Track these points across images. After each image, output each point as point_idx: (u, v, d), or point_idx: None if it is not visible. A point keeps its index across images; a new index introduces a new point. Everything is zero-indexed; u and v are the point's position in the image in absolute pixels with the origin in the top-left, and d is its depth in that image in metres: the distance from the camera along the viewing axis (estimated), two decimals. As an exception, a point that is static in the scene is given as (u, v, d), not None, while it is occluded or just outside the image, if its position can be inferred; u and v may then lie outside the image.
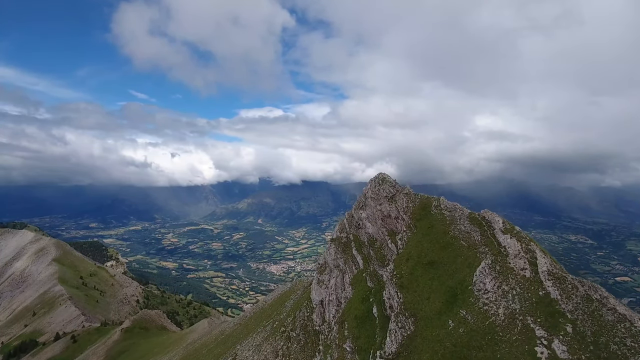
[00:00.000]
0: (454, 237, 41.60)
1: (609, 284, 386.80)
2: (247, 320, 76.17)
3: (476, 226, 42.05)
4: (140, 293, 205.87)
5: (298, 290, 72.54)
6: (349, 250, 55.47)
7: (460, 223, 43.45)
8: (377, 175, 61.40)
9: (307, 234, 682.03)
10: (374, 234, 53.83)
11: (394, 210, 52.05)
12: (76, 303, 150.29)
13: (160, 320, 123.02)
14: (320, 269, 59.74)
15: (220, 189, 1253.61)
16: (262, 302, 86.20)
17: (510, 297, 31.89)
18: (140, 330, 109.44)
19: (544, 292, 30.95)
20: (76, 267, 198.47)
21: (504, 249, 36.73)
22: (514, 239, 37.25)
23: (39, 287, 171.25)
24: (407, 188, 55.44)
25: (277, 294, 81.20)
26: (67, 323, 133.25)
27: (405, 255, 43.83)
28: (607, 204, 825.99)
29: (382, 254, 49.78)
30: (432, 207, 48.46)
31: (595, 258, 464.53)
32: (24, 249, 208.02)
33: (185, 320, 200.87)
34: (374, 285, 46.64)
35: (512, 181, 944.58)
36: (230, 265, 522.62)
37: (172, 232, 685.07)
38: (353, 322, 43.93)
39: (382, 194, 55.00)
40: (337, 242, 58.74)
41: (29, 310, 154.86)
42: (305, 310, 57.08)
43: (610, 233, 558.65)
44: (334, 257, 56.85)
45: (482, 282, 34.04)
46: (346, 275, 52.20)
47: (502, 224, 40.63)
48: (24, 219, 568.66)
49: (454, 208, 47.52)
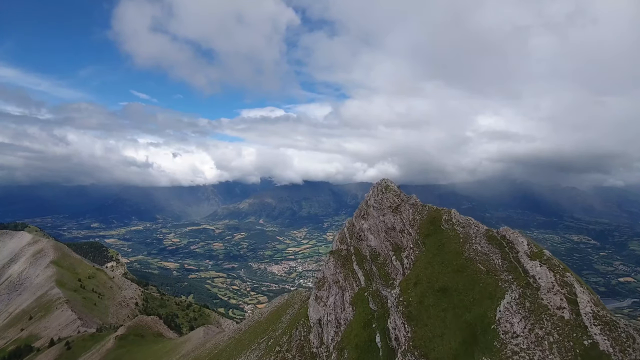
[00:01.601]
0: (470, 258, 36.44)
1: (612, 284, 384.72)
2: (241, 334, 73.37)
3: (495, 246, 36.85)
4: (139, 295, 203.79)
5: (295, 303, 69.42)
6: (350, 265, 51.78)
7: (476, 242, 38.32)
8: (379, 181, 57.46)
9: (309, 234, 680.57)
10: (376, 248, 50.19)
11: (398, 222, 48.17)
12: (73, 307, 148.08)
13: (157, 326, 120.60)
14: (318, 283, 56.13)
15: (221, 189, 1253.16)
16: (258, 314, 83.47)
17: (546, 345, 25.84)
18: (135, 337, 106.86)
19: (590, 341, 24.83)
20: (74, 269, 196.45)
21: (533, 280, 31.14)
22: (545, 267, 31.43)
23: (36, 290, 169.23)
24: (413, 197, 51.26)
25: (274, 306, 78.26)
26: (63, 328, 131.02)
27: (413, 278, 39.43)
28: (610, 204, 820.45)
29: (386, 272, 46.16)
30: (442, 221, 43.55)
31: (598, 258, 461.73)
32: (21, 251, 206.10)
33: (185, 323, 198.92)
34: (377, 307, 42.82)
35: (514, 181, 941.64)
36: (231, 265, 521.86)
37: (174, 232, 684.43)
38: (354, 351, 40.11)
39: (385, 204, 51.27)
40: (337, 255, 55.16)
41: (26, 314, 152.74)
42: (302, 329, 53.74)
43: (613, 233, 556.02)
44: (333, 271, 53.23)
45: (509, 321, 28.43)
46: (346, 293, 48.68)
47: (527, 245, 35.31)
48: (26, 219, 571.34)
49: (467, 223, 42.36)
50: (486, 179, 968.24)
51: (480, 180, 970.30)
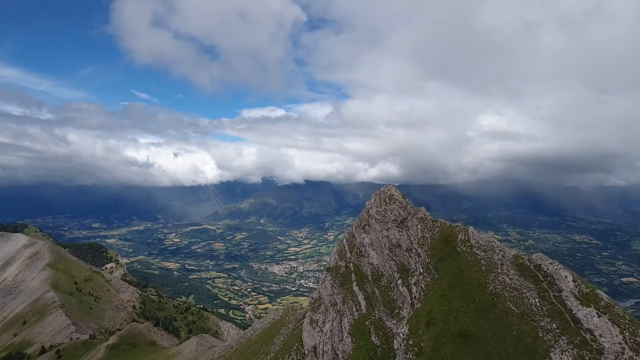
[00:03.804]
0: (497, 294, 29.10)
1: (615, 284, 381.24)
2: (232, 354, 70.38)
3: (529, 280, 29.33)
4: (137, 298, 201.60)
5: (289, 322, 65.43)
6: (349, 285, 46.13)
7: (503, 271, 30.99)
8: (382, 189, 50.89)
9: (310, 234, 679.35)
10: (379, 267, 44.42)
11: (404, 239, 42.09)
12: (68, 311, 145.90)
13: (150, 334, 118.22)
14: (314, 304, 50.67)
15: (222, 189, 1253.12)
16: (251, 331, 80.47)
17: None
18: (127, 346, 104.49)
19: None
20: (71, 272, 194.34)
21: (591, 336, 23.79)
22: (605, 318, 24.09)
23: (31, 293, 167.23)
24: (421, 211, 44.40)
25: (267, 323, 75.11)
26: (56, 333, 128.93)
27: (424, 314, 32.44)
28: (612, 203, 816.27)
29: (391, 297, 40.16)
30: (457, 241, 36.52)
31: (600, 258, 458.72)
32: (17, 254, 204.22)
33: (183, 326, 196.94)
34: (380, 342, 36.88)
35: (516, 181, 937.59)
36: (232, 265, 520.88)
37: (175, 232, 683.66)
38: (354, 398, 33.99)
39: (389, 217, 44.91)
40: (335, 272, 49.44)
41: (20, 318, 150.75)
42: (295, 356, 49.47)
43: (615, 233, 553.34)
44: (330, 292, 47.67)
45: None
46: (345, 319, 43.29)
47: (574, 282, 27.42)
48: (27, 219, 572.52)
49: (490, 246, 34.46)
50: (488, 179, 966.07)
51: (481, 180, 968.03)
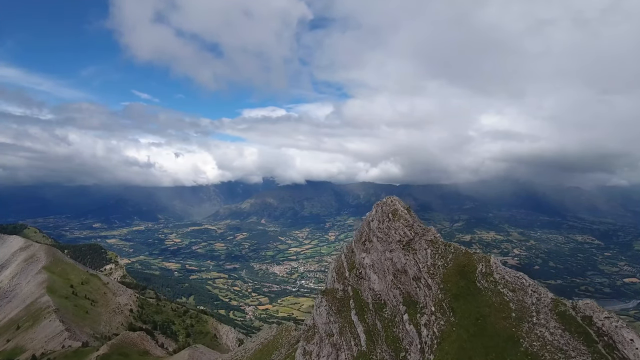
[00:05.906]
0: (534, 355, 22.27)
1: (617, 285, 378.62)
2: None
3: (577, 338, 22.71)
4: (134, 302, 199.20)
5: (282, 346, 59.88)
6: (347, 313, 40.28)
7: (541, 322, 23.72)
8: (384, 200, 44.41)
9: (311, 234, 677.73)
10: (381, 294, 38.62)
11: (411, 264, 36.12)
12: (62, 316, 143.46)
13: (143, 343, 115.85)
14: (307, 333, 45.06)
15: (223, 189, 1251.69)
16: (242, 350, 77.24)
17: None
18: (119, 356, 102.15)
19: None
20: (67, 275, 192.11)
21: None
22: None
23: (26, 297, 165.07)
24: (431, 231, 37.93)
25: (260, 343, 71.47)
26: (49, 340, 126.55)
27: None
28: (614, 203, 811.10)
29: (395, 335, 34.18)
30: (476, 273, 28.99)
31: (602, 259, 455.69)
32: (13, 257, 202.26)
33: (181, 330, 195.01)
34: None
35: (517, 181, 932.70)
36: (233, 265, 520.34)
37: (175, 233, 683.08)
38: None
39: (393, 236, 38.79)
40: (331, 297, 43.58)
41: (14, 323, 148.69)
42: None
43: (617, 233, 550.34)
44: (325, 319, 41.93)
45: None
46: (342, 355, 37.87)
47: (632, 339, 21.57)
48: (28, 219, 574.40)
49: (520, 285, 26.18)
50: (489, 179, 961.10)
51: (483, 179, 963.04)
